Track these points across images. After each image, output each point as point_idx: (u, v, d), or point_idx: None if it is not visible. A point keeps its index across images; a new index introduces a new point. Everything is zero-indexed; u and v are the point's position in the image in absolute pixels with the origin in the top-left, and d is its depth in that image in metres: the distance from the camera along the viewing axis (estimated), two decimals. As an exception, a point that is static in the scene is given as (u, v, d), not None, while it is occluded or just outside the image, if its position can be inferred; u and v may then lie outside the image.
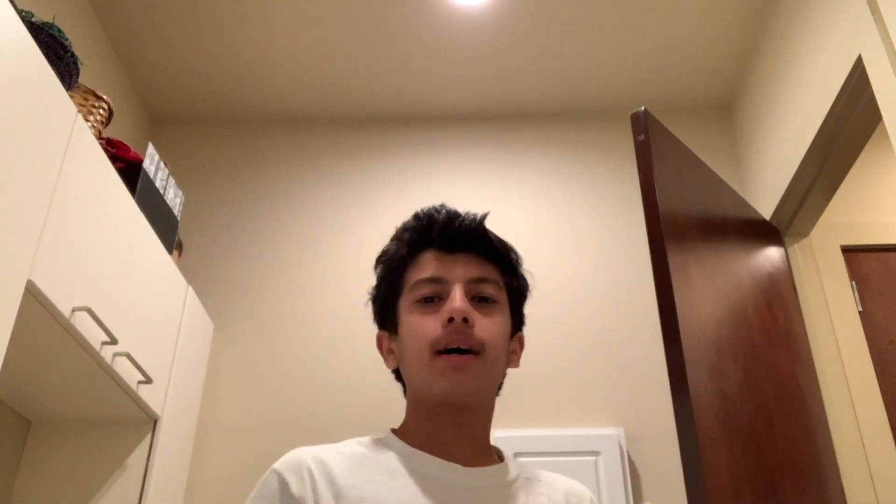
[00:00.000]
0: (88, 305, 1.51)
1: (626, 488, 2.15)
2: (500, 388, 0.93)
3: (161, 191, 2.03)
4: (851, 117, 2.00)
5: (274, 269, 2.63)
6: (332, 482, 0.78)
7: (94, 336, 1.57)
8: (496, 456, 0.91)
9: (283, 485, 0.78)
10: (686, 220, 1.91)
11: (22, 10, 1.51)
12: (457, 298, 0.85)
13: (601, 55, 2.67)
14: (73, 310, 1.49)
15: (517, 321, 0.97)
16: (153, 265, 1.93)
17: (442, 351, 0.83)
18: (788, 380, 2.04)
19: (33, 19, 1.57)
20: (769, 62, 2.47)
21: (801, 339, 2.22)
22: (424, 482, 0.82)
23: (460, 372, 0.82)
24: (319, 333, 2.51)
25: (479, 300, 0.88)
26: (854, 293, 2.39)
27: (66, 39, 1.63)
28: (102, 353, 1.62)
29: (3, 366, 1.30)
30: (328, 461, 0.81)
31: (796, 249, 2.40)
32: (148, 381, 1.81)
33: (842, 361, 2.24)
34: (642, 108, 1.86)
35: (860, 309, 2.37)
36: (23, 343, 1.49)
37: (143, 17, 2.52)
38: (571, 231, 2.68)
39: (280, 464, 0.81)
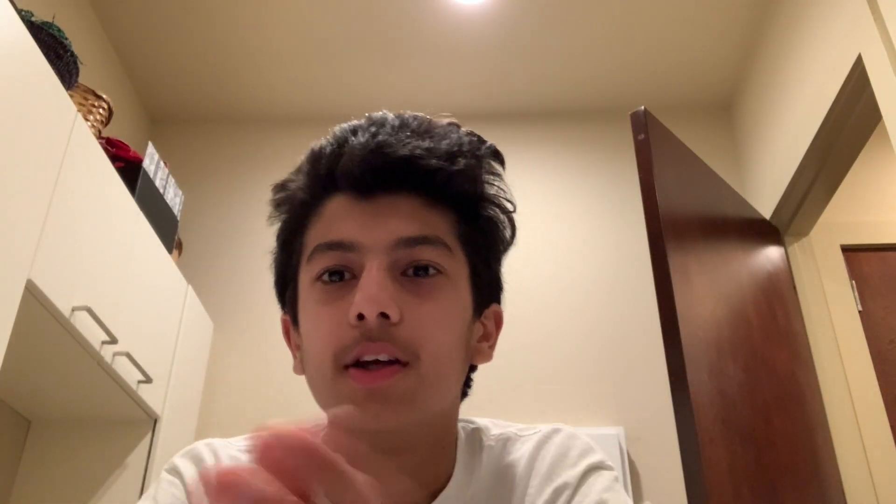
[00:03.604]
0: (88, 305, 1.51)
1: (626, 488, 2.15)
2: (465, 393, 0.67)
3: (161, 190, 2.03)
4: (851, 117, 2.00)
5: (274, 269, 2.63)
6: None
7: (94, 336, 1.57)
8: (449, 469, 0.64)
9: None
10: (686, 220, 1.91)
11: (22, 10, 1.51)
12: (370, 281, 0.56)
13: (601, 55, 2.67)
14: (73, 309, 1.49)
15: (488, 288, 0.66)
16: (153, 265, 1.93)
17: (351, 364, 0.56)
18: (788, 380, 2.04)
19: (33, 19, 1.57)
20: (769, 62, 2.47)
21: (801, 339, 2.22)
22: None
23: (379, 399, 0.55)
24: (319, 333, 2.51)
25: (414, 272, 0.59)
26: (854, 293, 2.38)
27: (66, 39, 1.63)
28: (102, 353, 1.62)
29: (3, 366, 1.30)
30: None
31: (796, 249, 2.40)
32: (148, 380, 1.81)
33: (842, 361, 2.24)
34: (642, 107, 1.86)
35: (860, 308, 2.36)
36: (23, 343, 1.49)
37: (143, 17, 2.52)
38: (571, 230, 2.68)
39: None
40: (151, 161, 1.98)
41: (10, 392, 1.80)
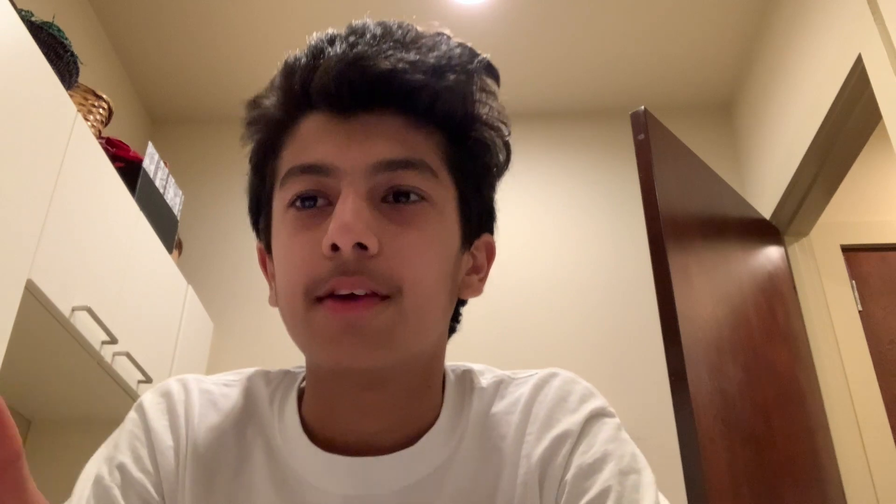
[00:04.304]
0: (88, 305, 1.51)
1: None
2: (453, 329, 0.63)
3: (161, 190, 2.03)
4: (851, 117, 2.00)
5: (274, 269, 2.63)
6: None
7: (94, 335, 1.57)
8: (436, 409, 0.59)
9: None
10: (686, 220, 1.91)
11: (22, 10, 1.51)
12: (346, 208, 0.51)
13: (601, 55, 2.67)
14: (73, 309, 1.49)
15: (479, 217, 0.61)
16: (153, 265, 1.93)
17: (325, 296, 0.52)
18: (788, 380, 2.04)
19: (33, 19, 1.57)
20: (769, 62, 2.47)
21: (801, 339, 2.22)
22: (283, 491, 0.57)
23: (355, 334, 0.51)
24: (319, 333, 2.51)
25: (395, 198, 0.54)
26: (854, 292, 2.38)
27: (66, 39, 1.63)
28: (102, 353, 1.62)
29: (3, 366, 1.30)
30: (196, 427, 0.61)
31: (796, 249, 2.40)
32: (148, 380, 1.81)
33: (842, 361, 2.24)
34: (642, 107, 1.86)
35: (860, 308, 2.36)
36: (23, 343, 1.49)
37: (143, 17, 2.52)
38: (571, 230, 2.68)
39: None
40: (151, 161, 1.98)
41: (10, 392, 1.80)
